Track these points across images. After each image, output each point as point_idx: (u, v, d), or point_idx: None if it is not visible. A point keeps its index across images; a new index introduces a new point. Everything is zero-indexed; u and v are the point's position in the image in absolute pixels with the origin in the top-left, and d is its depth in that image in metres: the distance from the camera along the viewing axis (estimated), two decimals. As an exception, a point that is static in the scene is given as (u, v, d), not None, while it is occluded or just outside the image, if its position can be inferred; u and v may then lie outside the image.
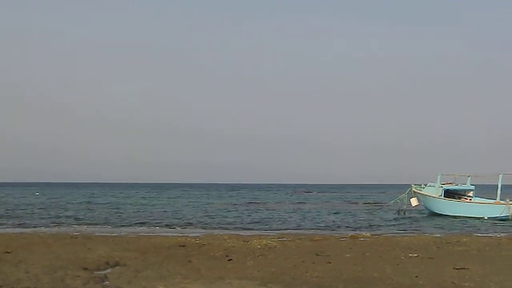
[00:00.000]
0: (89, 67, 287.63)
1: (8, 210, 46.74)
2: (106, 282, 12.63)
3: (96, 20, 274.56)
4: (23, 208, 50.21)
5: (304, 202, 65.34)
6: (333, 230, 30.21)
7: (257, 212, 46.69)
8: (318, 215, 42.66)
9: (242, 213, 44.10)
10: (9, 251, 17.40)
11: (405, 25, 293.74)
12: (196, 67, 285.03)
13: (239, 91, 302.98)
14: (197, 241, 21.40)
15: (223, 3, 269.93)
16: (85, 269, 14.14)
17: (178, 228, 30.78)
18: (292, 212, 45.82)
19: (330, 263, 15.80)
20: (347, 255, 17.46)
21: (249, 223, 34.95)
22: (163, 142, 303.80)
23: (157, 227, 31.35)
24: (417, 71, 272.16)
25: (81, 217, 39.34)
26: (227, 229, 30.40)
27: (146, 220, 36.35)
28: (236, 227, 31.52)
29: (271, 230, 29.39)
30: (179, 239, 22.55)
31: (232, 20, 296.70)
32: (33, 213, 43.34)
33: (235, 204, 60.69)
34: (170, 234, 25.97)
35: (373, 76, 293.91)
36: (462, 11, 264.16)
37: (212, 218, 39.14)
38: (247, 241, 21.41)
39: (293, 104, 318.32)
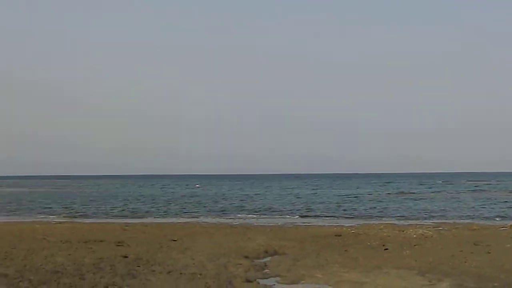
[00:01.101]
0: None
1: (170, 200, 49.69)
2: (266, 270, 13.09)
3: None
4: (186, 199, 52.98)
5: (462, 192, 62.86)
6: (489, 220, 29.02)
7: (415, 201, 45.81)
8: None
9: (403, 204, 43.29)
10: (175, 239, 18.59)
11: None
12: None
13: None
14: (353, 231, 21.52)
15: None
16: (246, 257, 14.73)
17: (335, 219, 30.99)
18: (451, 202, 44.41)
19: (489, 253, 15.29)
20: (508, 245, 16.78)
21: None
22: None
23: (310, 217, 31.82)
24: None
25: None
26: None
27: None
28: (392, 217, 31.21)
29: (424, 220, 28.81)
30: (334, 228, 22.82)
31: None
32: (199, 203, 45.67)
33: (389, 194, 60.01)
34: (326, 224, 26.29)
35: None
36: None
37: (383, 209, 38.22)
38: (403, 231, 21.21)
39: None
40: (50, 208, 40.84)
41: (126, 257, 14.25)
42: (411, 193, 61.44)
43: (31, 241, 17.61)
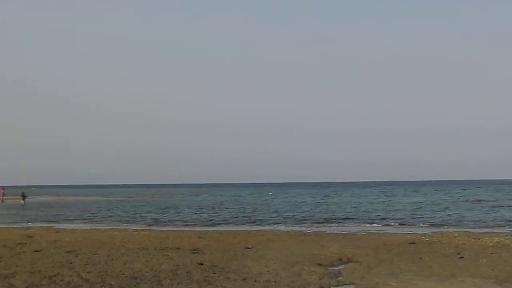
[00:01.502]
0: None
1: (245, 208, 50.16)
2: (340, 278, 13.11)
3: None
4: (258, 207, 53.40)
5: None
6: None
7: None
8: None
9: (479, 211, 42.21)
10: (250, 246, 18.85)
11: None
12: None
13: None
14: (427, 239, 21.24)
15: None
16: (319, 265, 14.81)
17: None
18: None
19: None
20: None
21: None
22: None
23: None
24: None
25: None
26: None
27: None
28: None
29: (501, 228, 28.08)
30: (408, 236, 22.57)
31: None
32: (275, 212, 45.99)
33: (466, 201, 58.76)
34: (400, 232, 26.02)
35: None
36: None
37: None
38: (478, 239, 20.79)
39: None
40: (127, 216, 41.89)
41: (201, 264, 14.61)
42: (488, 200, 59.77)
43: (111, 248, 18.25)
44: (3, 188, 76.85)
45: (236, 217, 39.98)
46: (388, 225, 31.74)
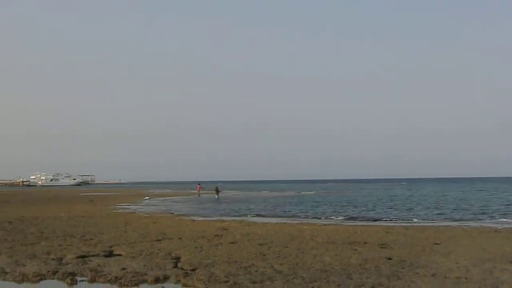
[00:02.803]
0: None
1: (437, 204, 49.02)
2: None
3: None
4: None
5: None
6: None
7: None
8: None
9: None
10: (438, 242, 18.64)
11: None
12: None
13: None
14: None
15: None
16: (512, 262, 14.34)
17: None
18: None
19: None
20: None
21: None
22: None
23: None
24: None
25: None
26: None
27: None
28: None
29: None
30: None
31: None
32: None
33: None
34: None
35: None
36: None
37: None
38: None
39: None
40: (317, 210, 42.87)
41: (390, 259, 14.78)
42: None
43: (301, 241, 18.96)
44: (199, 183, 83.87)
45: (423, 211, 39.49)
46: None
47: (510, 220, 31.17)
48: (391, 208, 44.52)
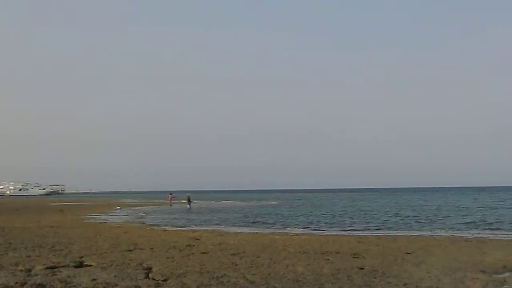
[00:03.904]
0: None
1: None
2: (506, 286, 12.73)
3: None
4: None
5: None
6: None
7: None
8: None
9: None
10: (409, 252, 18.74)
11: None
12: None
13: None
14: None
15: None
16: (483, 272, 14.40)
17: None
18: None
19: None
20: None
21: None
22: None
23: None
24: None
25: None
26: None
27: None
28: None
29: None
30: None
31: None
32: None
33: None
34: None
35: None
36: None
37: None
38: None
39: None
40: (287, 220, 42.87)
41: (362, 268, 14.80)
42: None
43: (273, 251, 18.92)
44: (171, 193, 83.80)
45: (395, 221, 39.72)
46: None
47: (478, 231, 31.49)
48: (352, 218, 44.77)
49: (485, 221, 38.51)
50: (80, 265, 15.55)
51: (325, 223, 39.25)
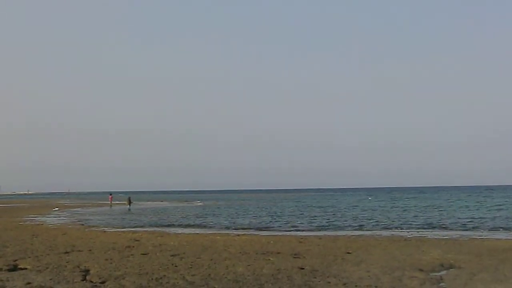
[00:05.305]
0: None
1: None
2: (442, 284, 12.93)
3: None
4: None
5: None
6: None
7: None
8: None
9: None
10: (350, 251, 18.89)
11: None
12: None
13: None
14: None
15: None
16: (421, 270, 14.63)
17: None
18: None
19: None
20: None
21: None
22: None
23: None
24: None
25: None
26: None
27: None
28: None
29: None
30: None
31: None
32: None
33: None
34: (504, 237, 25.25)
35: None
36: None
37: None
38: None
39: None
40: (230, 221, 42.76)
41: (302, 268, 14.81)
42: None
43: (213, 252, 18.77)
44: (111, 194, 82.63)
45: (334, 221, 40.03)
46: (491, 230, 30.83)
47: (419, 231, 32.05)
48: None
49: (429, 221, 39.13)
50: (14, 268, 15.05)
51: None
